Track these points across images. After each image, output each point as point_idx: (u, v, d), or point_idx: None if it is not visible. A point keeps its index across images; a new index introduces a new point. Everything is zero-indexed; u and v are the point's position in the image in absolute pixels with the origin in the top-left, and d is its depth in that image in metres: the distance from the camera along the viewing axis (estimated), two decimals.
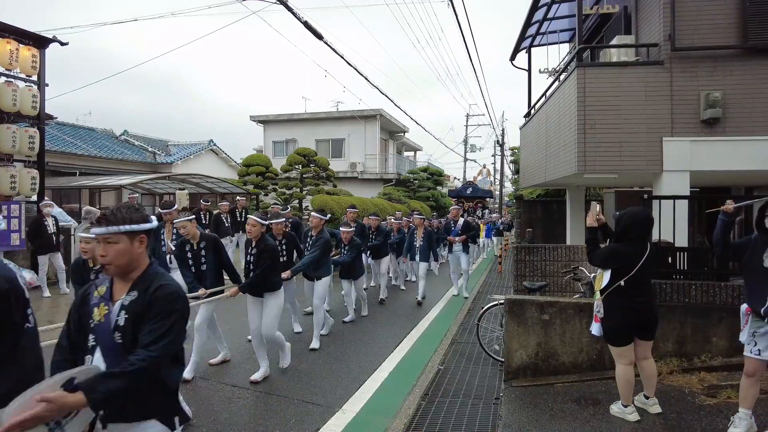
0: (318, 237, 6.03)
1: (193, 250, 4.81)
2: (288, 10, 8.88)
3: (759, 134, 6.31)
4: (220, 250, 4.88)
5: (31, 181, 8.50)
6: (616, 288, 3.60)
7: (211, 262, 4.80)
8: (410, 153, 35.89)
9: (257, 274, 4.67)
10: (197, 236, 4.82)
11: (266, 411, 4.10)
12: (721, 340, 4.56)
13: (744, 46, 6.36)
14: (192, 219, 4.81)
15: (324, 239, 5.99)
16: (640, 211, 3.78)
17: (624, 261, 3.58)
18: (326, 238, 6.01)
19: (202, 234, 4.87)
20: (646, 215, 3.73)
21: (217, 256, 4.86)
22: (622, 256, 3.60)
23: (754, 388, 3.34)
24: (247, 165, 18.25)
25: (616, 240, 3.77)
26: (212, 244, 4.83)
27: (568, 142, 7.16)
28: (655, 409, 3.71)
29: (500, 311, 5.44)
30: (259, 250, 4.74)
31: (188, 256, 4.81)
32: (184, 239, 4.84)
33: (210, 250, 4.81)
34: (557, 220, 14.14)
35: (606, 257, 3.71)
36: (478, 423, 3.95)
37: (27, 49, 8.46)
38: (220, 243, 4.96)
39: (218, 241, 4.95)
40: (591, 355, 4.56)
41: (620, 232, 3.69)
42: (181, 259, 4.85)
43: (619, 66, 6.92)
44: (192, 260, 4.80)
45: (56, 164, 15.01)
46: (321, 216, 6.10)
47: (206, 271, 4.80)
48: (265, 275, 4.69)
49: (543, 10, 9.19)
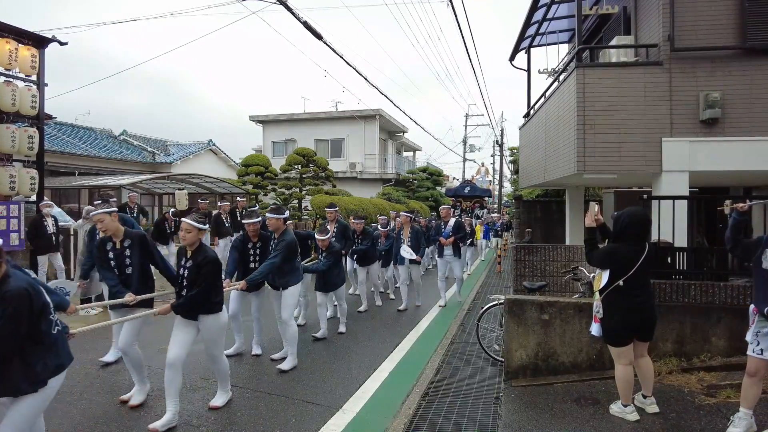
0: (280, 239, 5.16)
1: (115, 249, 4.18)
2: (287, 10, 8.88)
3: (758, 134, 6.33)
4: (148, 249, 4.25)
5: (31, 181, 8.48)
6: (615, 288, 3.61)
7: (137, 264, 4.17)
8: (409, 153, 35.91)
9: (192, 295, 3.78)
10: (120, 233, 4.19)
11: (267, 411, 4.10)
12: (721, 339, 4.57)
13: (743, 46, 6.38)
14: (112, 212, 4.16)
15: (286, 241, 5.11)
16: (638, 211, 3.79)
17: (622, 261, 3.59)
18: (289, 241, 5.13)
19: (126, 231, 4.24)
20: (644, 215, 3.74)
21: (144, 257, 4.22)
22: (621, 256, 3.61)
23: (755, 388, 3.34)
24: (247, 165, 18.25)
25: (615, 240, 3.78)
26: (138, 243, 4.19)
27: (568, 142, 7.18)
28: (652, 408, 3.72)
29: (500, 311, 5.45)
30: (196, 264, 3.82)
31: (110, 256, 4.18)
32: (105, 237, 4.21)
33: (135, 249, 4.18)
34: (556, 220, 14.15)
35: (604, 257, 3.72)
36: (478, 423, 3.95)
37: (26, 48, 8.44)
38: (149, 241, 4.33)
39: (146, 238, 4.30)
40: (591, 355, 4.57)
41: (618, 232, 3.70)
42: (102, 260, 4.20)
43: (619, 66, 6.94)
44: (115, 261, 4.16)
45: (55, 164, 14.99)
46: (277, 216, 5.15)
47: (132, 274, 4.16)
48: (203, 295, 3.82)
49: (542, 10, 9.21)
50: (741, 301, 4.57)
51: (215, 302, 3.94)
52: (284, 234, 5.19)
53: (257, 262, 5.35)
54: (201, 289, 3.77)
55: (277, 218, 5.14)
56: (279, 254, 4.99)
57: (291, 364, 5.10)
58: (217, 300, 3.97)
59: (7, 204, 8.20)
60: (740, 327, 4.46)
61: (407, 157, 34.52)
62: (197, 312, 3.89)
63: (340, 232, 7.51)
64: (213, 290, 3.89)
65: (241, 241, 5.46)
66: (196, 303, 3.83)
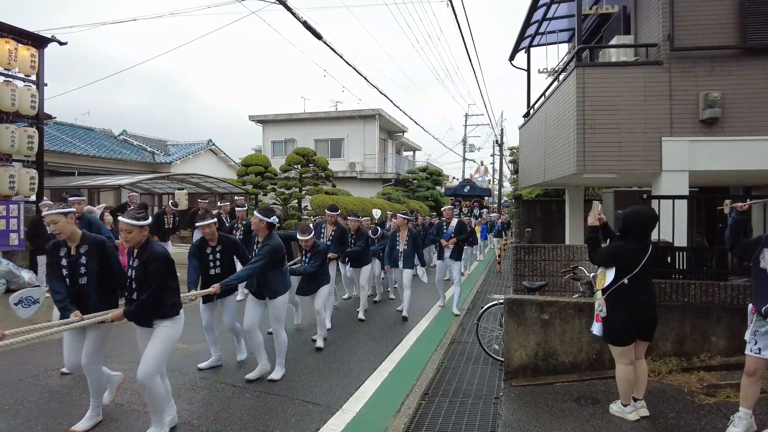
0: (264, 243, 4.71)
1: (69, 256, 3.63)
2: (287, 10, 8.88)
3: (758, 134, 6.33)
4: (107, 256, 3.69)
5: (30, 180, 8.48)
6: (619, 287, 3.59)
7: (94, 273, 3.63)
8: (409, 153, 35.93)
9: (143, 299, 3.38)
10: (76, 237, 3.66)
11: (266, 411, 4.10)
12: (720, 339, 4.57)
13: (743, 46, 6.38)
14: (68, 213, 3.65)
15: (271, 246, 4.66)
16: (645, 209, 3.80)
17: (627, 259, 3.58)
18: (274, 246, 4.68)
19: (84, 235, 3.70)
20: (651, 213, 3.74)
21: (103, 265, 3.66)
22: (626, 254, 3.61)
23: (754, 388, 3.34)
24: (246, 165, 18.25)
25: (619, 238, 3.77)
26: (97, 248, 3.66)
27: (568, 141, 7.18)
28: (642, 412, 3.68)
29: (500, 311, 5.45)
30: (143, 262, 3.43)
31: (62, 264, 3.62)
32: (58, 241, 3.68)
33: (94, 256, 3.64)
34: (556, 219, 14.16)
35: (609, 255, 3.71)
36: (478, 422, 3.95)
37: (26, 48, 8.44)
38: (109, 246, 3.77)
39: (105, 244, 3.74)
40: (590, 355, 4.57)
41: (624, 230, 3.69)
42: (53, 268, 3.65)
43: (619, 66, 6.94)
44: (68, 270, 3.60)
45: (55, 164, 14.99)
46: (262, 217, 4.69)
47: (87, 285, 3.62)
48: (155, 298, 3.39)
49: (542, 10, 9.21)
50: (741, 300, 4.58)
51: (170, 305, 3.50)
52: (269, 238, 4.74)
53: (218, 267, 4.94)
54: (151, 291, 3.36)
55: (260, 219, 4.67)
56: (262, 259, 4.57)
57: (281, 374, 4.84)
58: (172, 302, 3.52)
59: (6, 204, 8.20)
60: (740, 326, 4.45)
61: (407, 156, 34.54)
62: (151, 318, 3.48)
63: (338, 236, 7.16)
64: (166, 291, 3.45)
65: (198, 246, 4.98)
66: (148, 307, 3.42)
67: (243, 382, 4.70)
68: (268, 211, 4.83)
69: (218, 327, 5.16)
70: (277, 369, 4.89)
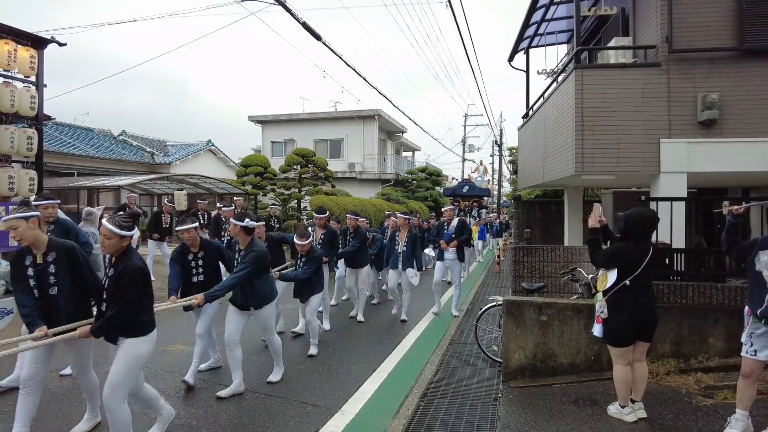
0: (248, 250, 4.42)
1: (36, 265, 3.33)
2: (287, 11, 8.90)
3: (756, 136, 6.35)
4: (78, 264, 3.41)
5: (30, 181, 8.48)
6: (621, 288, 3.61)
7: (65, 283, 3.35)
8: (408, 153, 35.95)
9: (110, 316, 3.07)
10: (42, 244, 3.34)
11: (266, 413, 4.11)
12: (718, 341, 4.59)
13: (740, 48, 6.40)
14: (30, 217, 3.30)
15: (256, 253, 4.39)
16: (646, 211, 3.82)
17: (629, 260, 3.60)
18: (259, 252, 4.42)
19: (51, 242, 3.39)
20: (653, 215, 3.76)
21: (74, 274, 3.39)
22: (627, 256, 3.62)
23: (750, 389, 3.36)
24: (246, 165, 18.26)
25: (620, 240, 3.79)
26: (66, 255, 3.37)
27: (566, 143, 7.19)
28: (640, 413, 3.70)
29: (498, 312, 5.46)
30: (117, 273, 3.12)
31: (29, 274, 3.32)
32: (23, 249, 3.38)
33: (63, 263, 3.35)
34: (555, 220, 14.18)
35: (611, 257, 3.73)
36: (476, 424, 3.97)
37: (25, 49, 8.44)
38: (80, 254, 3.47)
39: (75, 250, 3.45)
40: (589, 356, 4.59)
41: (625, 232, 3.71)
42: (18, 280, 3.33)
43: (617, 68, 6.96)
44: (35, 280, 3.31)
45: (54, 165, 14.99)
46: (236, 222, 4.43)
47: (57, 295, 3.34)
48: (123, 315, 3.08)
49: (541, 11, 9.23)
50: (738, 302, 4.59)
51: (141, 323, 3.20)
52: (252, 245, 4.47)
53: (201, 274, 4.69)
54: (120, 307, 3.05)
55: (235, 225, 4.43)
56: (247, 267, 4.30)
57: (280, 375, 4.84)
58: (143, 320, 3.21)
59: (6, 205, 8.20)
60: (737, 328, 4.47)
61: (406, 157, 34.56)
62: (118, 334, 3.18)
63: (327, 239, 6.98)
64: (137, 308, 3.16)
65: (179, 252, 4.71)
66: (115, 324, 3.12)
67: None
68: (242, 215, 4.52)
69: (216, 328, 5.15)
70: (275, 370, 4.87)
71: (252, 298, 4.50)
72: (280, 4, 8.72)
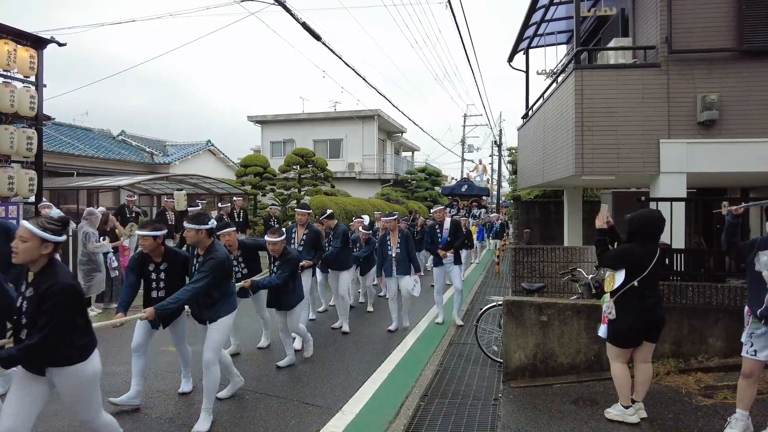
0: (207, 257, 3.84)
1: None
2: (286, 11, 8.90)
3: (755, 136, 6.36)
4: None
5: (29, 182, 8.46)
6: (629, 289, 3.62)
7: None
8: (408, 153, 35.98)
9: (29, 346, 2.49)
10: None
11: (266, 413, 4.11)
12: (718, 341, 4.60)
13: (740, 48, 6.41)
14: None
15: (216, 260, 3.79)
16: (654, 212, 3.85)
17: (637, 261, 3.61)
18: (219, 259, 3.82)
19: None
20: (659, 216, 3.77)
21: None
22: (636, 257, 3.63)
23: (751, 389, 3.37)
24: (245, 165, 18.29)
25: (628, 240, 3.80)
26: None
27: (566, 143, 7.20)
28: (641, 413, 3.70)
29: (499, 312, 5.47)
30: (38, 294, 2.55)
31: None
32: None
33: None
34: (555, 220, 14.20)
35: (619, 258, 3.74)
36: (477, 424, 3.97)
37: (25, 50, 8.42)
38: None
39: None
40: (589, 356, 4.59)
41: (633, 233, 3.72)
42: None
43: (617, 68, 6.97)
44: None
45: (53, 165, 14.98)
46: (194, 227, 3.83)
47: None
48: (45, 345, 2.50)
49: (541, 11, 9.24)
50: (738, 302, 4.61)
51: (77, 348, 2.67)
52: (211, 250, 3.89)
53: (162, 289, 4.09)
54: (41, 337, 2.47)
55: (195, 229, 3.82)
56: (205, 277, 3.71)
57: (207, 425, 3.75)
58: (79, 345, 2.68)
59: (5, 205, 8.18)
60: (737, 328, 4.48)
61: (406, 157, 34.59)
62: (45, 364, 2.62)
63: (310, 240, 6.29)
64: (71, 333, 2.63)
65: (138, 260, 4.15)
66: (37, 354, 2.54)
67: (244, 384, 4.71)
68: (199, 217, 3.90)
69: None
70: (202, 416, 3.78)
71: (207, 310, 3.95)
72: (280, 4, 8.72)
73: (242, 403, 4.32)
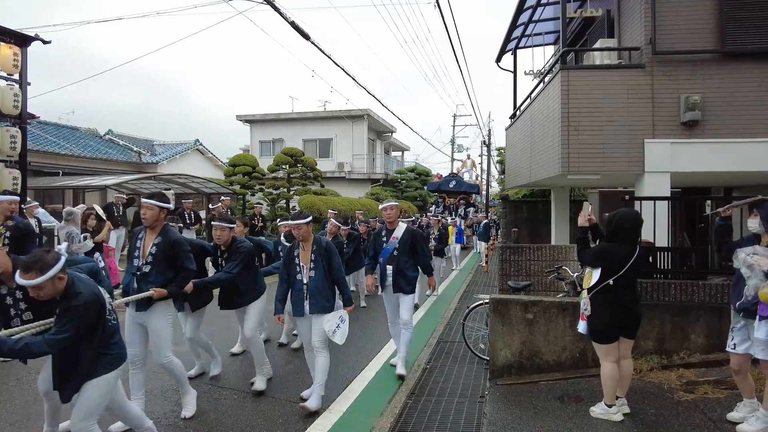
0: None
1: None
2: (275, 10, 8.87)
3: (737, 136, 6.47)
4: None
5: (13, 181, 8.36)
6: (604, 287, 3.67)
7: None
8: (398, 153, 36.04)
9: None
10: None
11: (253, 411, 4.11)
12: (699, 337, 4.68)
13: (722, 50, 6.51)
14: None
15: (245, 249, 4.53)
16: (631, 212, 3.89)
17: (614, 260, 3.66)
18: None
19: None
20: (637, 216, 3.82)
21: None
22: (613, 256, 3.68)
23: (746, 382, 3.54)
24: (234, 165, 18.17)
25: (607, 240, 3.85)
26: None
27: (553, 143, 7.27)
28: (623, 409, 3.76)
29: (486, 310, 5.51)
30: None
31: None
32: None
33: None
34: (542, 220, 14.31)
35: (597, 256, 3.79)
36: (463, 421, 4.01)
37: (8, 47, 8.32)
38: None
39: None
40: (574, 354, 4.65)
41: (611, 233, 3.77)
42: None
43: (602, 69, 7.05)
44: None
45: (38, 164, 14.79)
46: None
47: None
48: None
49: (528, 12, 9.30)
50: (719, 299, 4.69)
51: None
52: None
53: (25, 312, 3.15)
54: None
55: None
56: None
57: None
58: None
59: None
60: (718, 325, 4.59)
61: (395, 157, 34.65)
62: None
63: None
64: None
65: None
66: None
67: (229, 383, 4.71)
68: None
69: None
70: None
71: None
72: (268, 2, 8.69)
73: (229, 402, 4.31)
